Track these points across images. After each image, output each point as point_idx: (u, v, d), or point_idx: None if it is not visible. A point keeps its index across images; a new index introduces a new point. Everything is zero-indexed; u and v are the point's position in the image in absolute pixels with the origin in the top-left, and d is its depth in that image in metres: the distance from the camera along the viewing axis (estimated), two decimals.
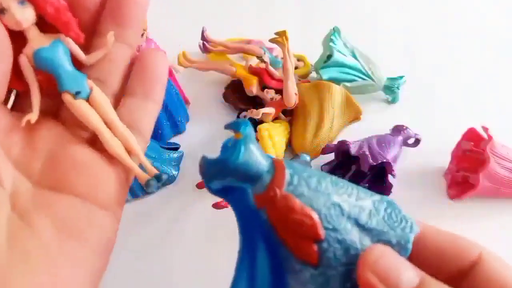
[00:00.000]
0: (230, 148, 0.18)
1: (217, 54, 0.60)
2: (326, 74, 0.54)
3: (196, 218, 0.45)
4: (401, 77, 0.57)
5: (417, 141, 0.52)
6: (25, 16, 0.19)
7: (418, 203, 0.48)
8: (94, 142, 0.24)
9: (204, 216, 0.45)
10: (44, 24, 0.20)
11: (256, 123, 0.51)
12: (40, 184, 0.21)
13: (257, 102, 0.55)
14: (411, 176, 0.50)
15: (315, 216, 0.18)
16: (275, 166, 0.19)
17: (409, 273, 0.17)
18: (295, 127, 0.52)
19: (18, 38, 0.20)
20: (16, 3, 0.19)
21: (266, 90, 0.53)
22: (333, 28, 0.56)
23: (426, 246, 0.20)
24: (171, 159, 0.48)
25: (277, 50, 0.56)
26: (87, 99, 0.21)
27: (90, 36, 0.23)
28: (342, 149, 0.47)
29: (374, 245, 0.18)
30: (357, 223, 0.18)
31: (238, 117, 0.54)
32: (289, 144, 0.52)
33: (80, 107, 0.21)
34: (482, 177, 0.45)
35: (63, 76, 0.20)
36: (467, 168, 0.49)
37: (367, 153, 0.45)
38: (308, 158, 0.49)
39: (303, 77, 0.59)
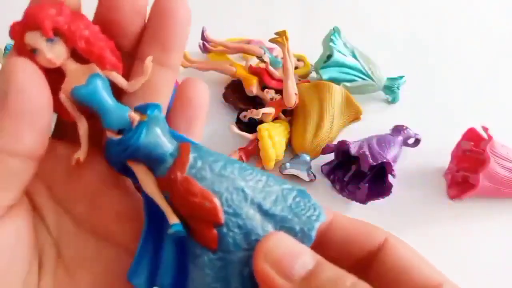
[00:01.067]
0: (133, 129, 0.18)
1: (217, 54, 0.60)
2: (326, 74, 0.54)
3: None
4: (401, 77, 0.57)
5: (417, 141, 0.52)
6: (56, 54, 0.18)
7: (418, 203, 0.48)
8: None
9: None
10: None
11: (256, 123, 0.51)
12: (83, 227, 0.20)
13: (257, 102, 0.55)
14: (411, 176, 0.50)
15: (215, 200, 0.18)
16: (180, 149, 0.19)
17: (304, 258, 0.17)
18: (295, 127, 0.52)
19: (56, 73, 0.19)
20: (45, 41, 0.18)
21: (266, 90, 0.53)
22: (333, 28, 0.56)
23: (335, 232, 0.20)
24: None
25: (277, 50, 0.56)
26: None
27: (130, 61, 0.21)
28: (342, 149, 0.47)
29: (271, 232, 0.18)
30: (261, 209, 0.18)
31: (238, 117, 0.54)
32: (289, 144, 0.52)
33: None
34: (482, 177, 0.45)
35: (104, 113, 0.19)
36: (467, 168, 0.49)
37: (367, 153, 0.45)
38: (308, 158, 0.49)
39: (303, 77, 0.59)
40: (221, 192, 0.18)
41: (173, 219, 0.18)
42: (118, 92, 0.20)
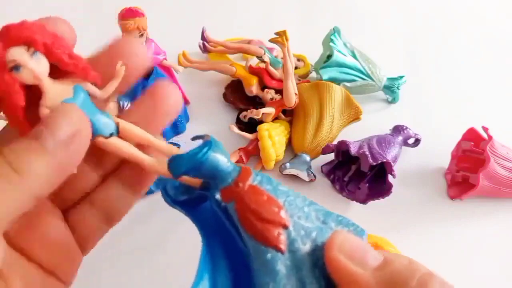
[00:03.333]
0: (200, 146, 0.20)
1: (217, 54, 0.60)
2: (326, 74, 0.54)
3: None
4: (401, 77, 0.57)
5: (417, 141, 0.52)
6: (42, 69, 0.18)
7: (418, 203, 0.48)
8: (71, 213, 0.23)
9: None
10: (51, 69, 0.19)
11: (256, 123, 0.51)
12: (13, 244, 0.20)
13: (257, 102, 0.55)
14: (411, 176, 0.51)
15: (281, 204, 0.19)
16: (242, 168, 0.20)
17: (373, 252, 0.19)
18: (295, 127, 0.52)
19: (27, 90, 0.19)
20: (30, 56, 0.18)
21: (266, 90, 0.53)
22: (333, 28, 0.56)
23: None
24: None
25: (277, 50, 0.56)
26: (118, 134, 0.21)
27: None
28: (342, 149, 0.47)
29: (338, 230, 0.20)
30: (318, 218, 0.20)
31: (238, 117, 0.54)
32: (289, 144, 0.52)
33: (115, 143, 0.20)
34: (482, 177, 0.45)
35: (94, 123, 0.19)
36: (467, 168, 0.49)
37: (367, 153, 0.45)
38: (308, 158, 0.49)
39: (303, 77, 0.59)
40: (284, 200, 0.20)
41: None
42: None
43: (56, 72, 0.19)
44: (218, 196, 0.20)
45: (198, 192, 0.21)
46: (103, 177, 0.24)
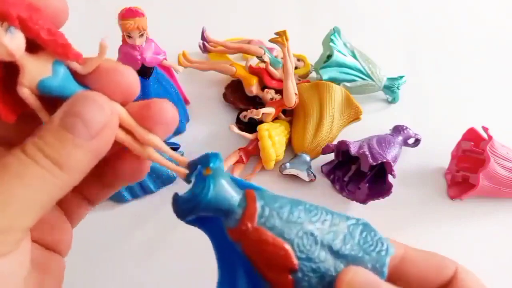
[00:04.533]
0: (201, 184, 0.19)
1: (217, 54, 0.60)
2: (326, 74, 0.54)
3: None
4: (401, 77, 0.57)
5: (417, 141, 0.52)
6: (18, 45, 0.17)
7: (418, 203, 0.48)
8: None
9: None
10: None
11: (256, 123, 0.51)
12: None
13: (257, 102, 0.55)
14: (411, 176, 0.51)
15: (287, 247, 0.18)
16: (247, 198, 0.19)
17: (385, 286, 0.18)
18: (295, 127, 0.52)
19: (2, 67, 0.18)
20: (4, 31, 0.16)
21: (266, 90, 0.53)
22: (333, 28, 0.56)
23: (407, 268, 0.21)
24: (171, 160, 0.48)
25: (277, 50, 0.56)
26: None
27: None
28: (342, 149, 0.47)
29: (348, 267, 0.18)
30: (331, 250, 0.19)
31: (238, 117, 0.54)
32: (289, 144, 0.52)
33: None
34: (482, 177, 0.45)
35: None
36: (467, 168, 0.49)
37: (367, 153, 0.45)
38: (308, 158, 0.49)
39: (303, 77, 0.59)
40: (291, 239, 0.18)
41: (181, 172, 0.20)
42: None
43: (35, 45, 0.18)
44: (226, 231, 0.19)
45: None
46: None
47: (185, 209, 0.19)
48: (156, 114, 0.20)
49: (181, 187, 0.20)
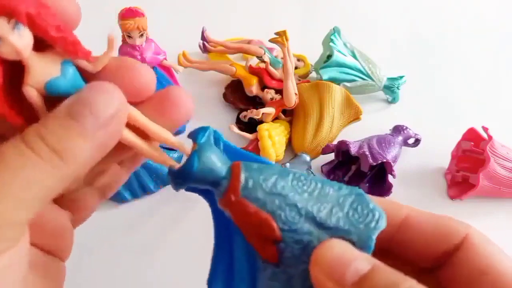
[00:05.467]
0: (188, 158, 0.19)
1: (217, 54, 0.60)
2: (326, 74, 0.54)
3: (196, 217, 0.45)
4: (401, 77, 0.57)
5: (417, 141, 0.52)
6: (25, 43, 0.16)
7: (418, 203, 0.48)
8: None
9: (204, 215, 0.45)
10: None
11: (256, 123, 0.51)
12: None
13: (257, 102, 0.55)
14: (411, 176, 0.50)
15: (269, 219, 0.18)
16: (232, 170, 0.19)
17: (357, 263, 0.17)
18: (295, 127, 0.52)
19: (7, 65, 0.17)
20: (11, 29, 0.15)
21: (266, 90, 0.53)
22: (333, 28, 0.56)
23: (409, 231, 0.20)
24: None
25: (277, 50, 0.56)
26: None
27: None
28: (342, 149, 0.47)
29: (324, 241, 0.18)
30: (315, 222, 0.18)
31: (238, 117, 0.54)
32: (289, 144, 0.52)
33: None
34: (482, 177, 0.45)
35: None
36: (467, 168, 0.49)
37: (367, 153, 0.45)
38: (308, 158, 0.49)
39: (303, 77, 0.59)
40: (274, 211, 0.18)
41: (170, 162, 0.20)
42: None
43: (43, 44, 0.17)
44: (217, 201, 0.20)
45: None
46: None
47: (177, 182, 0.20)
48: (176, 98, 0.20)
49: None
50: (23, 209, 0.16)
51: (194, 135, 0.20)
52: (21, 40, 0.16)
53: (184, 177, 0.19)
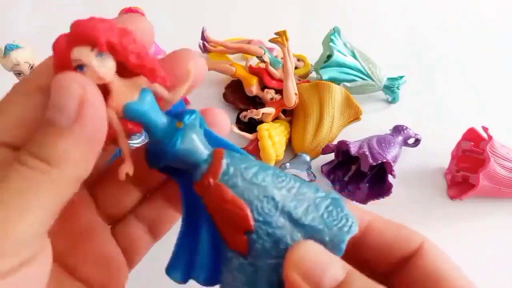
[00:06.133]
0: (170, 136, 0.19)
1: (217, 54, 0.60)
2: (326, 74, 0.54)
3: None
4: (401, 77, 0.57)
5: (417, 141, 0.52)
6: (108, 69, 0.17)
7: (418, 203, 0.48)
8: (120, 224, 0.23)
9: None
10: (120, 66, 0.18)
11: (256, 123, 0.51)
12: (63, 263, 0.20)
13: (257, 102, 0.55)
14: (411, 176, 0.51)
15: (245, 207, 0.18)
16: (214, 155, 0.19)
17: (334, 268, 0.17)
18: (295, 127, 0.52)
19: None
20: (95, 56, 0.17)
21: (266, 90, 0.53)
22: (333, 28, 0.56)
23: (372, 236, 0.20)
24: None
25: (277, 50, 0.56)
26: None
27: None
28: (342, 149, 0.47)
29: (300, 241, 0.18)
30: (291, 218, 0.18)
31: (238, 117, 0.54)
32: (289, 144, 0.52)
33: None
34: (482, 177, 0.45)
35: (156, 127, 0.19)
36: (467, 168, 0.49)
37: (367, 153, 0.45)
38: (308, 158, 0.49)
39: (303, 77, 0.59)
40: (251, 200, 0.18)
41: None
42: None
43: (127, 69, 0.18)
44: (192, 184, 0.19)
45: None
46: (146, 194, 0.24)
47: (153, 158, 0.19)
48: (217, 120, 0.21)
49: None
50: (34, 223, 0.15)
51: (180, 115, 0.19)
52: (103, 67, 0.17)
53: (164, 155, 0.19)
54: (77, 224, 0.21)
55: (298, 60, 0.61)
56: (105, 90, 0.18)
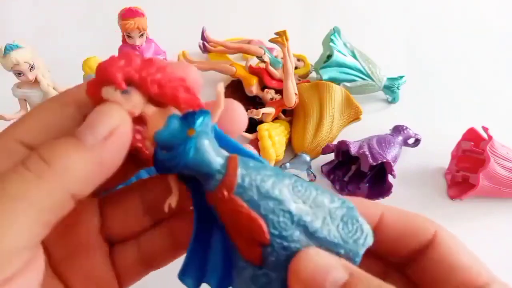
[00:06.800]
0: (182, 144, 0.18)
1: (217, 54, 0.60)
2: (326, 74, 0.54)
3: None
4: (401, 77, 0.57)
5: (417, 141, 0.52)
6: (133, 104, 0.18)
7: (418, 203, 0.48)
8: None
9: None
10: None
11: (256, 123, 0.51)
12: (57, 272, 0.21)
13: (257, 102, 0.55)
14: (411, 176, 0.51)
15: (261, 222, 0.18)
16: (228, 165, 0.19)
17: (335, 273, 0.17)
18: (295, 127, 0.52)
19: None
20: (120, 94, 0.18)
21: (266, 90, 0.53)
22: (333, 28, 0.56)
23: (385, 228, 0.20)
24: None
25: (277, 50, 0.56)
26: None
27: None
28: (342, 149, 0.47)
29: (303, 250, 0.18)
30: (306, 231, 0.18)
31: None
32: (289, 144, 0.52)
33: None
34: (482, 177, 0.45)
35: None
36: (467, 168, 0.49)
37: (367, 153, 0.45)
38: (308, 158, 0.49)
39: (303, 77, 0.60)
40: (267, 214, 0.18)
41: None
42: None
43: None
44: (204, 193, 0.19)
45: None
46: (154, 223, 0.23)
47: (164, 167, 0.19)
48: (235, 115, 0.21)
49: None
50: (23, 234, 0.15)
51: (192, 119, 0.19)
52: (128, 102, 0.18)
53: (175, 164, 0.18)
54: (76, 236, 0.21)
55: (298, 60, 0.61)
56: (143, 120, 0.18)
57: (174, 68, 0.19)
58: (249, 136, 0.50)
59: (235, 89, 0.56)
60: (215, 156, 0.18)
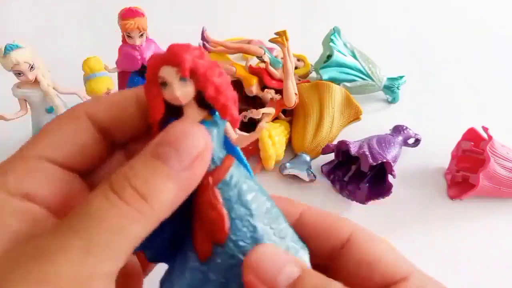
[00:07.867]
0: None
1: (217, 54, 0.60)
2: (326, 74, 0.54)
3: None
4: (401, 77, 0.57)
5: (417, 141, 0.52)
6: (184, 93, 0.18)
7: (418, 203, 0.48)
8: None
9: None
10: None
11: (256, 123, 0.51)
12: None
13: (257, 102, 0.55)
14: (411, 176, 0.51)
15: (226, 221, 0.18)
16: (224, 161, 0.19)
17: (289, 268, 0.17)
18: (295, 127, 0.52)
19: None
20: (178, 79, 0.18)
21: (266, 90, 0.53)
22: (333, 28, 0.56)
23: (303, 227, 0.21)
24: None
25: (277, 50, 0.56)
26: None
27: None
28: (342, 149, 0.47)
29: (257, 245, 0.18)
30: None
31: None
32: (289, 144, 0.52)
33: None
34: (482, 177, 0.45)
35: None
36: (467, 168, 0.49)
37: (367, 153, 0.45)
38: (308, 158, 0.49)
39: (303, 77, 0.60)
40: (235, 219, 0.18)
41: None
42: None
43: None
44: None
45: None
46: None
47: None
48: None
49: None
50: (109, 260, 0.15)
51: (211, 109, 0.19)
52: (182, 90, 0.18)
53: None
54: None
55: (298, 60, 0.61)
56: (179, 110, 0.19)
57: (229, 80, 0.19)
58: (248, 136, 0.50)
59: (235, 89, 0.56)
60: (218, 147, 0.19)
